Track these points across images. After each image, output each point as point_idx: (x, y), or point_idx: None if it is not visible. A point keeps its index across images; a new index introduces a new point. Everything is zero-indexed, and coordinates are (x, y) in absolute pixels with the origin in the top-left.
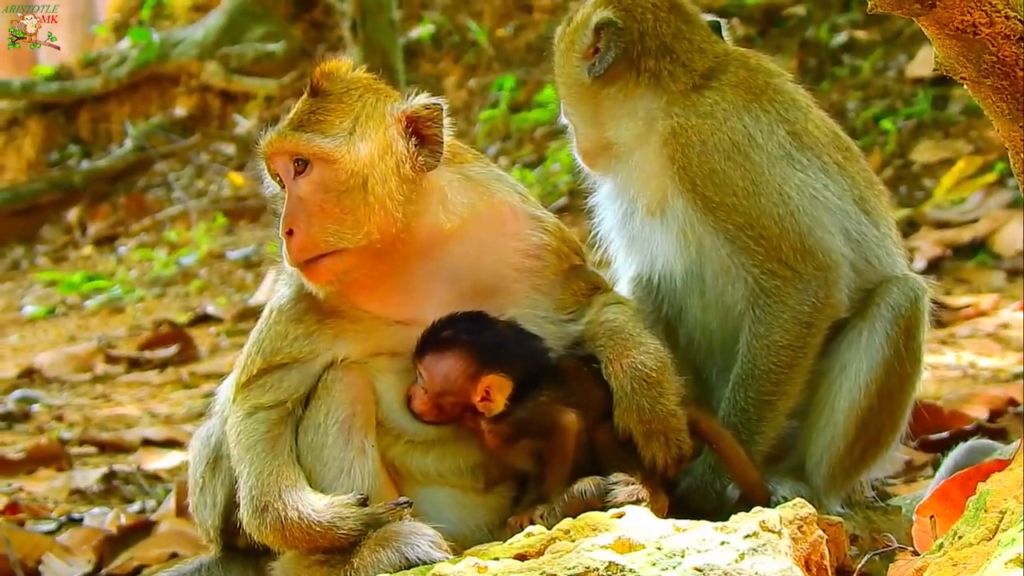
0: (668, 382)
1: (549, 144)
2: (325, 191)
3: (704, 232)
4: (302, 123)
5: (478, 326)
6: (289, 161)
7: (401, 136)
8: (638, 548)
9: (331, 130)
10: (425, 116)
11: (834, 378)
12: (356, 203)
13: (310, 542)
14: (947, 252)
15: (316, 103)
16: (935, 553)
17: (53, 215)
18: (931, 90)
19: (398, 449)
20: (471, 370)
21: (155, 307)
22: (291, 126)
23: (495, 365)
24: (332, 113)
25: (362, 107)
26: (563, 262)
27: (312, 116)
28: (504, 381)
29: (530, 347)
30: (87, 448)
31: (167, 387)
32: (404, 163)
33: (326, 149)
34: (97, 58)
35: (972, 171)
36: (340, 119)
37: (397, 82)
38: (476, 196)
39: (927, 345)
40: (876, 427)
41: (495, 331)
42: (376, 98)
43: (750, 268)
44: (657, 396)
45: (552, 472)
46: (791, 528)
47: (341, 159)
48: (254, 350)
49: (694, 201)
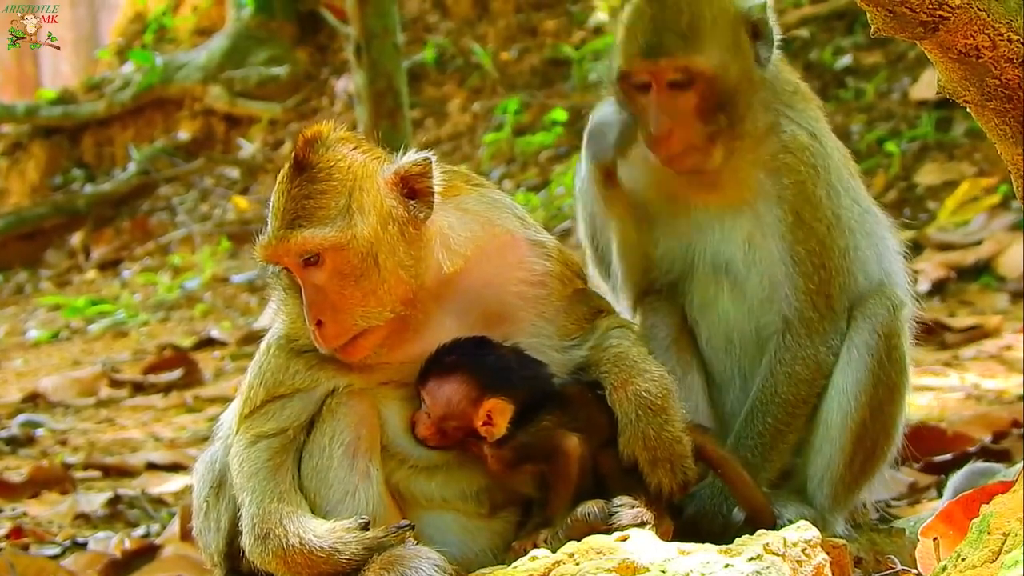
0: (673, 409)
1: (553, 167)
2: (341, 278)
3: (775, 242)
4: (297, 216)
5: (480, 351)
6: (297, 259)
7: (396, 199)
8: (642, 571)
9: (329, 215)
10: (417, 173)
11: (824, 395)
12: (374, 283)
13: (312, 568)
14: (951, 274)
15: (305, 185)
16: (939, 575)
17: (57, 239)
18: (935, 112)
19: (402, 473)
20: (473, 394)
21: (159, 331)
22: (287, 224)
23: (497, 389)
24: (325, 195)
25: (353, 180)
26: (566, 287)
27: (306, 205)
28: (506, 405)
29: (533, 371)
30: (91, 472)
31: (171, 411)
32: (406, 226)
33: (332, 239)
34: (101, 82)
35: (976, 193)
36: (335, 199)
37: (401, 105)
38: (476, 228)
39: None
40: (871, 440)
41: (497, 355)
42: (365, 165)
43: (799, 293)
44: (662, 423)
45: (555, 496)
46: (795, 551)
47: (348, 244)
48: (256, 382)
49: (785, 212)
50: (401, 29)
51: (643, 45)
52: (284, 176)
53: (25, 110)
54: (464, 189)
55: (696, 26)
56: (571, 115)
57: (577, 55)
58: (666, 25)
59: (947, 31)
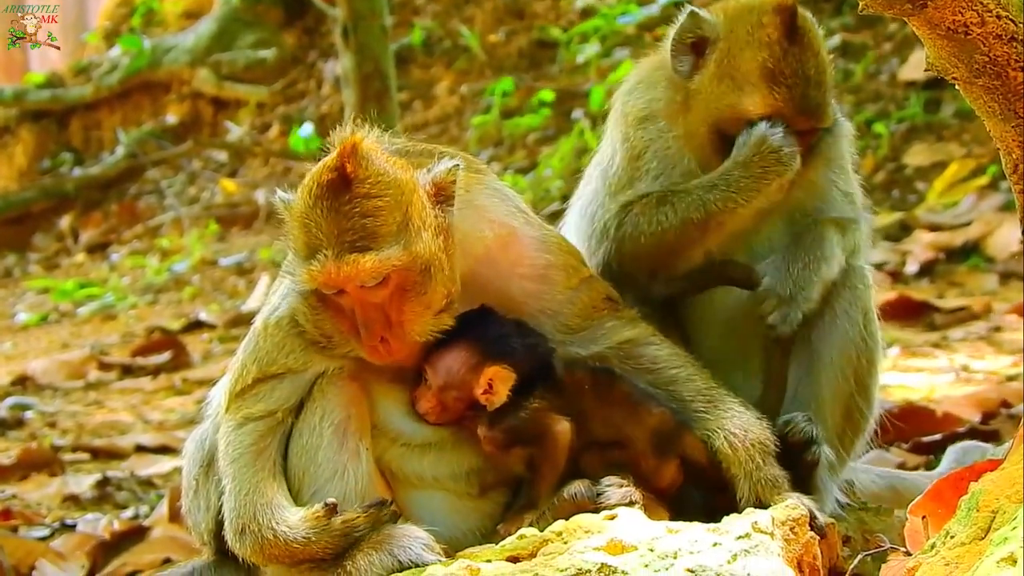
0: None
1: (541, 149)
2: (401, 294)
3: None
4: (361, 237)
5: (481, 320)
6: (364, 284)
7: (434, 207)
8: (630, 550)
9: (392, 233)
10: (448, 179)
11: (813, 371)
12: (432, 296)
13: (292, 558)
14: (940, 255)
15: (359, 202)
16: (927, 553)
17: (45, 223)
18: (924, 94)
19: (394, 452)
20: (473, 361)
21: (148, 314)
22: (351, 248)
23: (498, 356)
24: (383, 212)
25: (402, 193)
26: (571, 277)
27: (367, 224)
28: (507, 372)
29: (534, 340)
30: (80, 454)
31: (160, 393)
32: (448, 235)
33: (403, 260)
34: (88, 66)
35: (965, 174)
36: (392, 215)
37: (389, 88)
38: (483, 227)
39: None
40: (858, 412)
41: (499, 324)
42: (406, 173)
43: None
44: (772, 460)
45: (541, 479)
46: (783, 529)
47: (412, 262)
48: (249, 360)
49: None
50: (388, 11)
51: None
52: (325, 192)
53: (13, 94)
54: (472, 182)
55: (827, 79)
56: (559, 97)
57: (565, 37)
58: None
59: (935, 7)
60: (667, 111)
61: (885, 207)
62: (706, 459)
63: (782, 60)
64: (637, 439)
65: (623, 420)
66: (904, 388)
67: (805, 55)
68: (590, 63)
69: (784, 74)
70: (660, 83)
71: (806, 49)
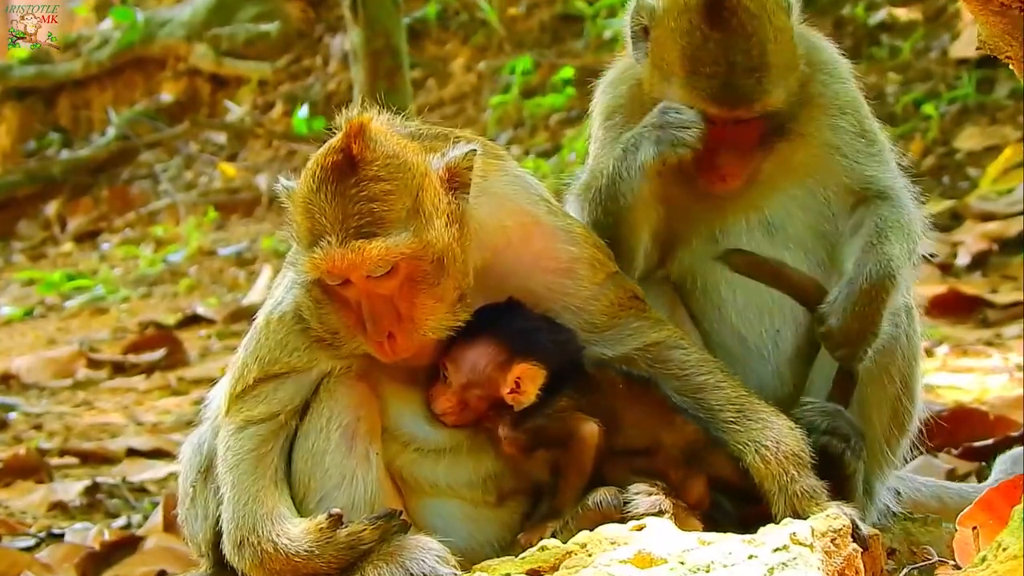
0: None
1: (564, 131)
2: (411, 286)
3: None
4: (367, 223)
5: (508, 314)
6: (370, 272)
7: (447, 194)
8: (659, 563)
9: (400, 219)
10: (464, 165)
11: None
12: (445, 287)
13: (294, 572)
14: (993, 246)
15: (366, 186)
16: (978, 566)
17: (31, 209)
18: (976, 72)
19: (406, 458)
20: (501, 358)
21: (141, 308)
22: (356, 234)
23: (527, 353)
24: (392, 197)
25: (412, 177)
26: (597, 272)
27: (374, 209)
28: (537, 370)
29: (565, 337)
30: (68, 459)
31: (154, 393)
32: (462, 224)
33: (412, 247)
34: (77, 40)
35: (1020, 159)
36: (401, 201)
37: (400, 65)
38: (504, 216)
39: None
40: (904, 413)
41: (527, 318)
42: (417, 159)
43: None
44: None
45: (566, 485)
46: (823, 541)
47: (423, 251)
48: (250, 359)
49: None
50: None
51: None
52: (329, 174)
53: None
54: (490, 168)
55: (766, 62)
56: (583, 75)
57: (591, 11)
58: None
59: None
60: (628, 108)
61: (934, 194)
62: (737, 479)
63: (701, 48)
64: (669, 447)
65: (656, 426)
66: (954, 389)
67: (732, 40)
68: (617, 39)
69: (703, 62)
70: (627, 80)
71: (734, 34)
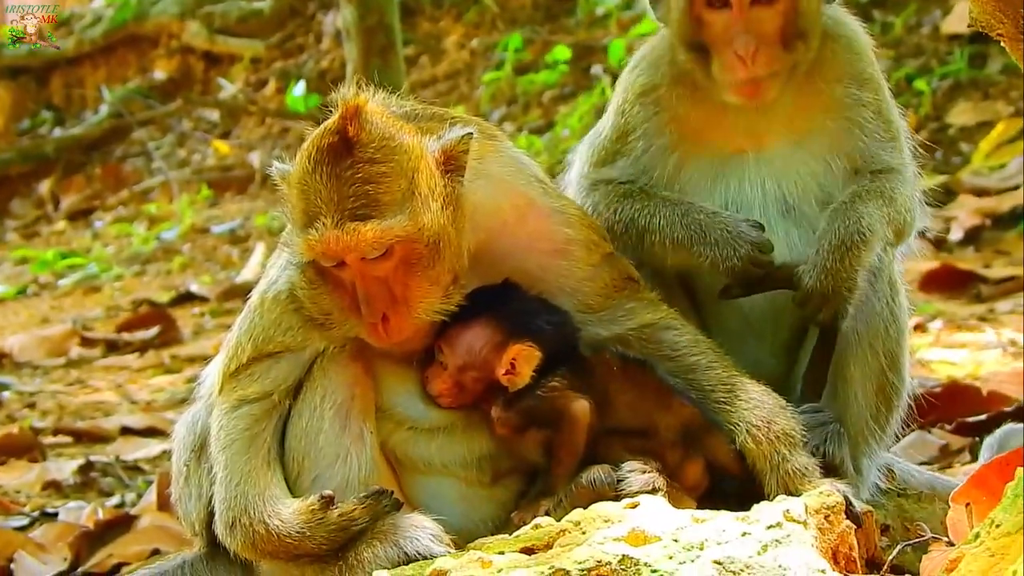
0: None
1: (558, 108)
2: (406, 268)
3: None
4: (363, 205)
5: (505, 295)
6: (365, 254)
7: (443, 177)
8: (653, 540)
9: (396, 201)
10: (460, 148)
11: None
12: (439, 271)
13: (287, 552)
14: (986, 222)
15: (361, 167)
16: (971, 543)
17: (24, 187)
18: (968, 48)
19: (400, 437)
20: (497, 339)
21: (134, 286)
22: (352, 216)
23: (523, 334)
24: (388, 179)
25: (408, 159)
26: (592, 253)
27: (370, 191)
28: (532, 351)
29: (560, 318)
30: (62, 438)
31: (147, 372)
32: (457, 207)
33: (407, 229)
34: (70, 18)
35: (1013, 134)
36: (397, 183)
37: (394, 42)
38: (499, 197)
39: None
40: (891, 388)
41: (523, 300)
42: (413, 139)
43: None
44: (799, 451)
45: (559, 464)
46: (817, 518)
47: (418, 233)
48: (244, 338)
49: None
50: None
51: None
52: (325, 156)
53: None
54: (485, 149)
55: None
56: (576, 52)
57: None
58: None
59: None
60: (666, 93)
61: (927, 170)
62: (734, 465)
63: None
64: (665, 428)
65: (652, 407)
66: (947, 364)
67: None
68: (610, 15)
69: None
70: (664, 61)
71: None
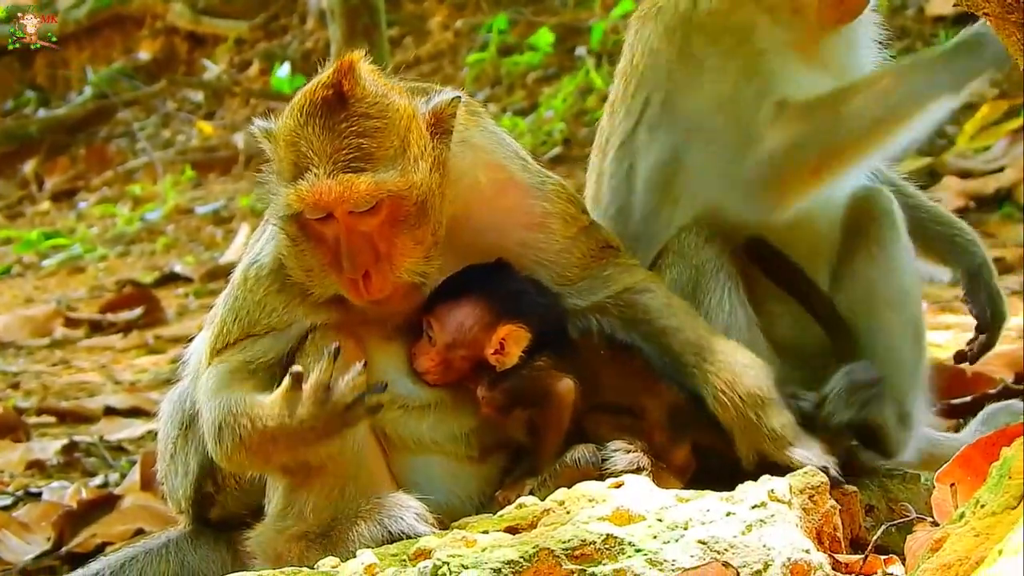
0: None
1: (542, 89)
2: (392, 226)
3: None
4: (356, 158)
5: (496, 275)
6: (355, 207)
7: (432, 139)
8: (637, 520)
9: (389, 157)
10: (449, 111)
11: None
12: (424, 231)
13: (276, 446)
14: (970, 204)
15: (357, 121)
16: (956, 523)
17: (7, 168)
18: (953, 30)
19: (390, 415)
20: (487, 319)
21: (118, 266)
22: (345, 168)
23: (513, 314)
24: (381, 134)
25: (399, 117)
26: (569, 227)
27: (364, 145)
28: (521, 332)
29: (551, 300)
30: (45, 418)
31: (131, 352)
32: (443, 171)
33: (399, 185)
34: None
35: (997, 117)
36: (390, 139)
37: (378, 22)
38: (479, 169)
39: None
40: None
41: (515, 280)
42: (405, 100)
43: None
44: (777, 412)
45: (543, 443)
46: (801, 498)
47: (408, 191)
48: (230, 318)
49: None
50: None
51: None
52: (319, 109)
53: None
54: (469, 122)
55: None
56: (560, 33)
57: None
58: None
59: None
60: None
61: (911, 152)
62: (721, 444)
63: None
64: (652, 409)
65: (639, 388)
66: (932, 346)
67: None
68: None
69: None
70: None
71: None
